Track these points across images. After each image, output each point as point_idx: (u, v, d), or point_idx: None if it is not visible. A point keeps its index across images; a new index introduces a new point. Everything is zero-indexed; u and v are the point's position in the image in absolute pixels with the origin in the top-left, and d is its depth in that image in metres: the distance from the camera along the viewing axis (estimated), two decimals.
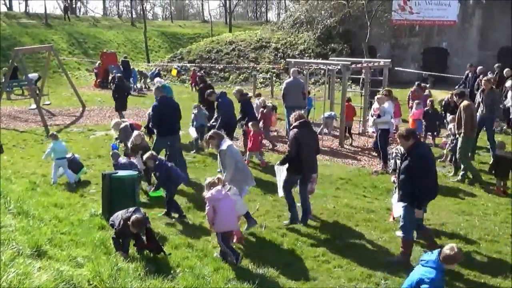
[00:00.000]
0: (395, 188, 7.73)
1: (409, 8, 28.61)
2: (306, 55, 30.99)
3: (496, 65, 18.73)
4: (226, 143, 7.70)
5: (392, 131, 11.71)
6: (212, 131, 8.19)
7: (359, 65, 14.96)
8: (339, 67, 13.85)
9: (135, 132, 9.46)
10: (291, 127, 8.18)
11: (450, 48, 28.94)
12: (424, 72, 25.09)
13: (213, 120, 11.98)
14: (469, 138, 10.36)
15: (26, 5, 56.42)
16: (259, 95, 18.03)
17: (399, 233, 7.63)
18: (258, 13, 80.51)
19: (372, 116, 11.76)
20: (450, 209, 8.79)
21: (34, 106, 18.35)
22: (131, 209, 6.56)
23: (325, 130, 14.37)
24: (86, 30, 43.18)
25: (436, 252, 4.88)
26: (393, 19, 29.38)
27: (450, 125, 11.44)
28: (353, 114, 14.33)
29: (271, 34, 34.76)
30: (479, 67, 17.56)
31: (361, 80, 17.80)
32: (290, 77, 13.78)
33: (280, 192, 8.21)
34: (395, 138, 11.99)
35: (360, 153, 12.91)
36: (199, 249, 7.00)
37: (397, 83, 23.92)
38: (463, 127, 10.22)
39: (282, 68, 28.82)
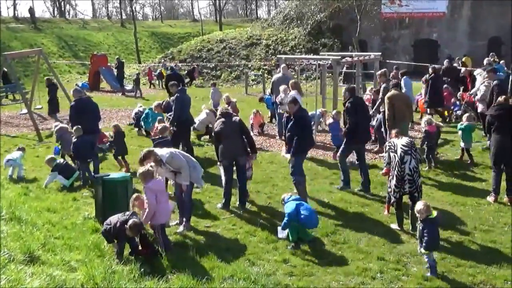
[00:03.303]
0: (390, 180, 7.71)
1: (398, 0, 28.64)
2: (297, 50, 30.99)
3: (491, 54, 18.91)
4: (164, 150, 7.56)
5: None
6: (142, 151, 7.55)
7: (349, 59, 14.94)
8: (330, 62, 13.84)
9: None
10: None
11: (440, 39, 29.01)
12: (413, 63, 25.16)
13: (169, 114, 11.88)
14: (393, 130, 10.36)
15: (15, 10, 56.16)
16: (214, 84, 18.19)
17: (394, 226, 7.67)
18: (248, 10, 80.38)
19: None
20: (444, 200, 8.80)
21: (25, 110, 18.23)
22: (128, 212, 6.56)
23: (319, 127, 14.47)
24: (75, 32, 43.00)
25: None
26: (382, 12, 29.42)
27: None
28: None
29: (262, 31, 34.73)
30: (446, 60, 17.98)
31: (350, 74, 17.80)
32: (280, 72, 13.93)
33: None
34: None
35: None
36: (194, 248, 6.97)
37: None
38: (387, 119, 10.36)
39: (273, 64, 28.81)
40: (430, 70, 15.16)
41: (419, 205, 6.32)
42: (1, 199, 8.01)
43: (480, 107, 12.95)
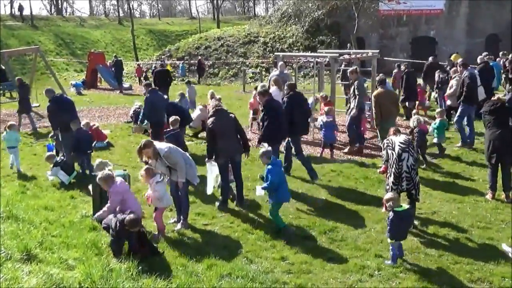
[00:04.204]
0: (387, 177, 7.71)
1: None
2: (295, 48, 30.97)
3: (484, 53, 18.84)
4: (163, 144, 7.54)
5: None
6: (143, 140, 7.49)
7: (347, 57, 14.93)
8: (327, 60, 13.82)
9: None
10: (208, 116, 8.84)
11: (438, 36, 29.03)
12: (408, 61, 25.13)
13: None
14: (381, 128, 10.41)
15: (12, 7, 55.97)
16: (188, 82, 18.59)
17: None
18: (246, 8, 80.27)
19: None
20: (441, 197, 8.81)
21: None
22: (127, 211, 6.53)
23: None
24: (73, 30, 42.93)
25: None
26: (380, 10, 29.40)
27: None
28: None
29: (259, 29, 34.70)
30: (431, 57, 18.39)
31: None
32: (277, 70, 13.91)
33: (209, 190, 8.76)
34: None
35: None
36: (192, 246, 6.97)
37: (386, 73, 23.95)
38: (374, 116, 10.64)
39: (271, 62, 28.81)
40: (403, 67, 15.97)
41: (386, 195, 6.69)
42: None
43: (448, 101, 13.67)
